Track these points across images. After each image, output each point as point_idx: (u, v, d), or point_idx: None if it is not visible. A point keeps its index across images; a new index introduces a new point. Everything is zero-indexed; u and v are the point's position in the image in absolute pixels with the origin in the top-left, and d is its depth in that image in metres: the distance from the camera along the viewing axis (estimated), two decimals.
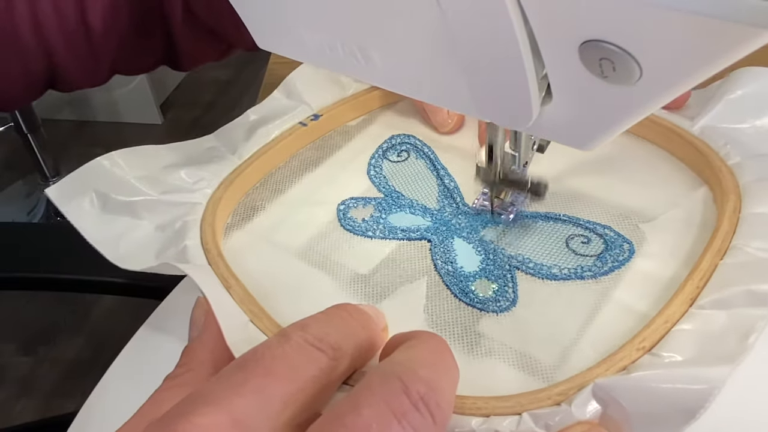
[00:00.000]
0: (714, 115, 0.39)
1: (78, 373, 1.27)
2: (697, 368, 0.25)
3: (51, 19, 0.45)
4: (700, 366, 0.26)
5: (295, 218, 0.39)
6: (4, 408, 1.22)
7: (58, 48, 0.46)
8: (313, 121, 0.44)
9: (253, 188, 0.42)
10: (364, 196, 0.40)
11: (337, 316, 0.27)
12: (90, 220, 0.36)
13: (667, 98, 0.21)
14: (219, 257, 0.34)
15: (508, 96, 0.24)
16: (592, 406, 0.26)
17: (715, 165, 0.36)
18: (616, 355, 0.28)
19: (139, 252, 0.35)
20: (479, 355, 0.31)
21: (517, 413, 0.27)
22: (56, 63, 0.47)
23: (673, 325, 0.29)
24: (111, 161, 0.37)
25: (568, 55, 0.20)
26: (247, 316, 0.32)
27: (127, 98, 1.89)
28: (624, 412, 0.25)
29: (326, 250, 0.37)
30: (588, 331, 0.31)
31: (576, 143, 0.25)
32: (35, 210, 1.62)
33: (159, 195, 0.38)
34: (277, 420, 0.22)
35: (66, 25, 0.46)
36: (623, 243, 0.35)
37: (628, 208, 0.37)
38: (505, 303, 0.33)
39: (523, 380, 0.29)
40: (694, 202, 0.36)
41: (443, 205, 0.39)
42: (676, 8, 0.17)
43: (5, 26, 0.44)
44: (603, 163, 0.40)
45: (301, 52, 0.30)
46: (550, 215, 0.37)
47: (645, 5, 0.17)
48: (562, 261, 0.34)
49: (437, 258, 0.36)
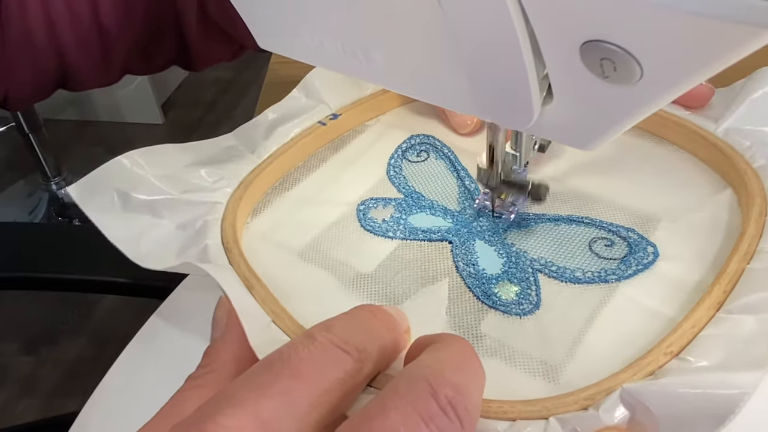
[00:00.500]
0: (738, 117, 0.38)
1: (80, 372, 1.27)
2: (727, 373, 0.25)
3: (64, 18, 0.45)
4: (730, 371, 0.25)
5: (313, 218, 0.39)
6: (7, 408, 1.22)
7: (70, 48, 0.46)
8: (332, 120, 0.44)
9: (272, 188, 0.41)
10: (384, 197, 0.40)
11: (361, 317, 0.27)
12: (111, 219, 0.35)
13: (668, 98, 0.21)
14: (240, 257, 0.34)
15: (509, 96, 0.24)
16: (620, 411, 0.26)
17: (740, 167, 0.36)
18: (643, 360, 0.27)
19: (160, 251, 0.35)
20: (503, 358, 0.30)
21: (544, 417, 0.26)
22: (68, 63, 0.47)
23: (701, 330, 0.28)
24: (131, 160, 0.37)
25: (569, 55, 0.20)
26: (270, 316, 0.31)
27: (128, 98, 1.89)
28: (652, 417, 0.25)
29: (345, 251, 0.37)
30: (613, 335, 0.31)
31: (577, 143, 0.25)
32: (36, 210, 1.62)
33: (179, 194, 0.37)
34: (304, 422, 0.22)
35: (79, 24, 0.45)
36: (647, 246, 0.34)
37: (652, 210, 0.36)
38: (528, 306, 0.33)
39: (547, 384, 0.29)
40: (719, 205, 0.36)
41: (464, 207, 0.39)
42: (676, 8, 0.16)
43: (19, 25, 0.44)
44: (626, 165, 0.40)
45: (302, 53, 0.30)
46: (572, 218, 0.37)
47: (646, 5, 0.17)
48: (585, 264, 0.34)
49: (459, 260, 0.35)
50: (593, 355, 0.30)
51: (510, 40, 0.21)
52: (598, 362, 0.29)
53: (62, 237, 0.66)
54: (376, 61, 0.27)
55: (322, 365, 0.23)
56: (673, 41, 0.18)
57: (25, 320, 1.37)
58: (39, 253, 0.61)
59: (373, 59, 0.27)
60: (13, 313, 1.38)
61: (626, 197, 0.38)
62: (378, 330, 0.26)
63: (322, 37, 0.28)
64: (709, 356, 0.27)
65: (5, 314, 1.37)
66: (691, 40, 0.17)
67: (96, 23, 0.46)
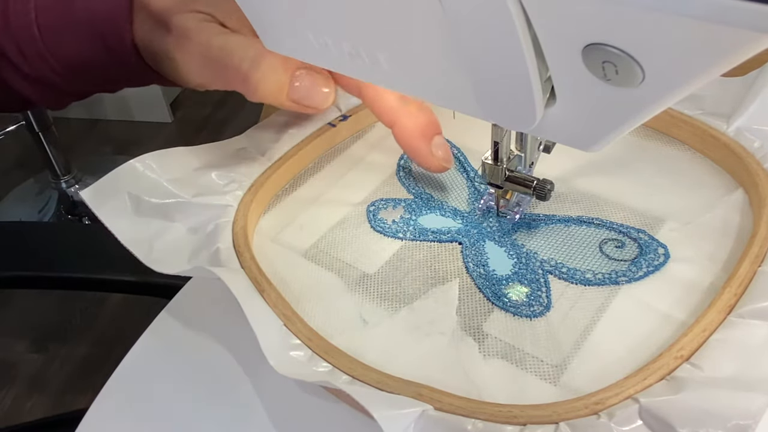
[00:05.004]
0: (750, 116, 0.38)
1: (89, 369, 1.27)
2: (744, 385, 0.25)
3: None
4: (745, 383, 0.25)
5: (320, 218, 0.39)
6: (16, 405, 1.22)
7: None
8: (341, 121, 0.44)
9: (282, 189, 0.41)
10: (394, 198, 0.40)
11: None
12: (123, 223, 0.35)
13: (670, 100, 0.21)
14: (251, 261, 0.34)
15: (512, 98, 0.24)
16: (635, 424, 0.26)
17: (752, 168, 0.35)
18: (654, 364, 0.27)
19: (172, 254, 0.35)
20: (512, 360, 0.30)
21: (554, 422, 0.26)
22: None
23: (711, 334, 0.28)
24: (143, 164, 0.37)
25: (571, 58, 0.20)
26: (281, 320, 0.32)
27: (137, 97, 1.89)
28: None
29: (353, 251, 0.37)
30: (623, 338, 0.31)
31: (580, 145, 0.25)
32: (46, 208, 1.62)
33: (191, 197, 0.38)
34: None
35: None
36: (658, 247, 0.34)
37: (662, 211, 0.36)
38: (539, 308, 0.33)
39: (557, 387, 0.29)
40: (730, 206, 0.36)
41: (474, 208, 0.39)
42: (676, 12, 0.16)
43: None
44: (636, 166, 0.40)
45: (307, 53, 0.30)
46: (582, 219, 0.37)
47: (646, 10, 0.17)
48: (595, 266, 0.34)
49: (469, 261, 0.35)
50: (603, 358, 0.30)
51: (512, 43, 0.21)
52: (608, 366, 0.29)
53: (71, 236, 0.66)
54: (380, 62, 0.27)
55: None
56: (674, 45, 0.18)
57: (33, 318, 1.37)
58: (48, 252, 0.61)
59: (378, 60, 0.27)
60: (22, 312, 1.38)
61: (636, 198, 0.37)
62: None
63: (326, 38, 0.28)
64: (723, 366, 0.27)
65: (14, 312, 1.38)
66: (691, 43, 0.17)
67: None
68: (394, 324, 0.33)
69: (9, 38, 0.39)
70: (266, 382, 0.33)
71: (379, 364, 0.30)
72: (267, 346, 0.30)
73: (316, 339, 0.31)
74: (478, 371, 0.30)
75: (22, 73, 0.41)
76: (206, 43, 0.36)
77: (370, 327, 0.33)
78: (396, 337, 0.32)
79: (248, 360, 0.34)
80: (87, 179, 1.59)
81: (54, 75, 0.41)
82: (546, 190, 0.35)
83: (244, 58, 0.36)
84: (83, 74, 0.41)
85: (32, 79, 0.41)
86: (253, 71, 0.35)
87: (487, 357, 0.31)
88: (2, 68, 0.41)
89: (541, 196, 0.35)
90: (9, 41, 0.39)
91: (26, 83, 0.42)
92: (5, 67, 0.41)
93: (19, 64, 0.40)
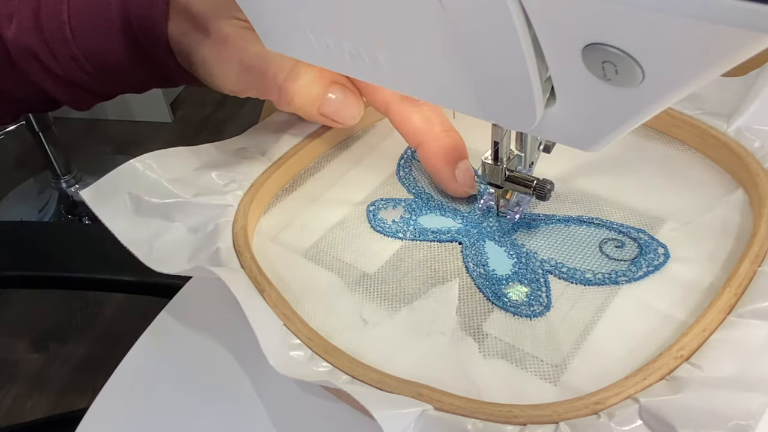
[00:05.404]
0: (750, 116, 0.38)
1: (89, 369, 1.27)
2: (743, 391, 0.25)
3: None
4: (746, 383, 0.25)
5: (322, 219, 0.39)
6: (16, 404, 1.22)
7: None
8: None
9: (282, 189, 0.41)
10: (394, 197, 0.40)
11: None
12: (123, 222, 0.36)
13: (670, 100, 0.21)
14: (252, 260, 0.34)
15: (512, 98, 0.24)
16: (634, 424, 0.26)
17: (752, 168, 0.35)
18: (653, 364, 0.27)
19: (172, 254, 0.35)
20: (513, 360, 0.30)
21: (554, 422, 0.26)
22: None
23: (711, 334, 0.28)
24: (143, 164, 0.37)
25: (571, 58, 0.20)
26: (281, 320, 0.32)
27: (137, 96, 1.87)
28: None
29: (353, 251, 0.37)
30: (623, 337, 0.31)
31: (580, 145, 0.25)
32: (46, 208, 1.62)
33: (191, 197, 0.38)
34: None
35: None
36: (658, 247, 0.34)
37: (662, 211, 0.36)
38: (539, 308, 0.33)
39: (557, 387, 0.29)
40: (730, 205, 0.36)
41: (474, 208, 0.39)
42: (676, 12, 0.16)
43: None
44: (636, 166, 0.40)
45: (308, 53, 0.30)
46: (582, 219, 0.37)
47: (646, 10, 0.17)
48: (595, 265, 0.34)
49: (469, 260, 0.35)
50: (603, 358, 0.30)
51: (512, 43, 0.21)
52: (608, 365, 0.29)
53: (72, 236, 0.66)
54: (380, 62, 0.27)
55: None
56: (673, 45, 0.18)
57: (34, 318, 1.37)
58: (49, 252, 0.61)
59: (378, 60, 0.27)
60: (22, 311, 1.38)
61: (636, 198, 0.37)
62: None
63: (327, 39, 0.28)
64: (723, 366, 0.27)
65: (14, 312, 1.38)
66: (691, 43, 0.17)
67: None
68: (394, 324, 0.33)
69: (41, 40, 0.40)
70: (266, 382, 0.33)
71: (379, 364, 0.30)
72: (267, 345, 0.30)
73: (316, 339, 0.31)
74: (478, 371, 0.30)
75: (52, 74, 0.41)
76: (244, 51, 0.37)
77: (370, 327, 0.33)
78: (396, 336, 0.32)
79: (248, 360, 0.34)
80: (87, 179, 1.59)
81: (85, 76, 0.41)
82: (546, 190, 0.35)
83: (281, 69, 0.36)
84: (114, 75, 0.42)
85: (62, 80, 0.42)
86: (289, 82, 0.36)
87: (487, 357, 0.31)
88: (33, 70, 0.41)
89: (541, 196, 0.35)
90: (40, 43, 0.40)
91: (56, 84, 0.42)
92: (36, 69, 0.41)
93: (50, 65, 0.40)
